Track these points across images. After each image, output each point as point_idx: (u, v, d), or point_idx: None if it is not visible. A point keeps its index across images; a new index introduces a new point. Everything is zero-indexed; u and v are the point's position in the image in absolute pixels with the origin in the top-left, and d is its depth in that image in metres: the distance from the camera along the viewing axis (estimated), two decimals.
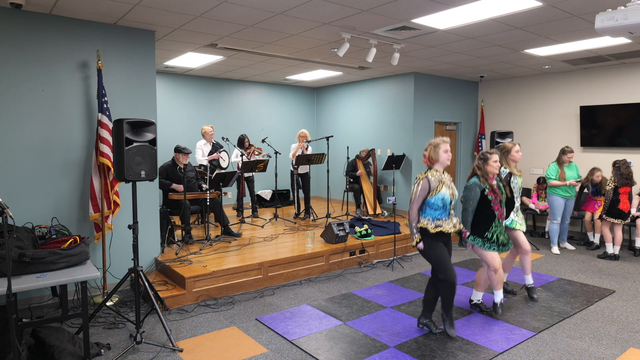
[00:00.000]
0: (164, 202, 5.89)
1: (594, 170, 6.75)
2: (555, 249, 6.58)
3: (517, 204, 4.48)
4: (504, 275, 4.73)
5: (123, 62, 4.79)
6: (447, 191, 3.55)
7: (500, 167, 4.38)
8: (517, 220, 4.46)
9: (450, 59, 6.76)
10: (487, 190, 3.91)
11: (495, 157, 3.94)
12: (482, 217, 3.95)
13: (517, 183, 4.49)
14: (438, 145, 3.59)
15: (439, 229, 3.55)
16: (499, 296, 4.15)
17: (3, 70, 4.17)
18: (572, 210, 6.69)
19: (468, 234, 3.93)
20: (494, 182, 3.98)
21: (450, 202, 3.60)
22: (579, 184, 6.45)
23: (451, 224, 3.61)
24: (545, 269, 5.74)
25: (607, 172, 7.23)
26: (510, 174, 4.50)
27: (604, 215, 6.27)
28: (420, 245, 3.58)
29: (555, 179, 6.32)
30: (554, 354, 3.44)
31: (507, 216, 4.42)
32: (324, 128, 10.12)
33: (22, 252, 2.96)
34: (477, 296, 4.33)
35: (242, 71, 7.98)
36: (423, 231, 3.58)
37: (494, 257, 3.98)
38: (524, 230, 4.52)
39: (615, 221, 6.17)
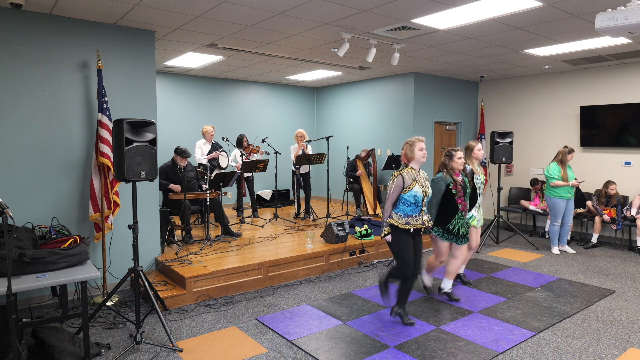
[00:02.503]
0: (164, 202, 5.89)
1: (608, 183, 6.84)
2: (555, 250, 6.58)
3: (480, 200, 4.77)
4: (462, 267, 5.16)
5: (123, 62, 4.79)
6: (420, 189, 3.74)
7: (465, 164, 4.72)
8: (476, 216, 4.76)
9: (450, 59, 6.76)
10: (451, 184, 4.17)
11: (460, 154, 4.23)
12: (446, 209, 4.23)
13: (479, 180, 4.78)
14: (414, 143, 3.80)
15: (408, 226, 3.75)
16: (428, 280, 4.65)
17: (3, 70, 4.17)
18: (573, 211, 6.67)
19: (432, 224, 4.15)
20: (460, 178, 4.24)
21: (423, 200, 3.78)
22: (580, 184, 6.45)
23: (420, 221, 3.81)
24: (545, 269, 5.74)
25: (606, 173, 7.25)
26: (472, 172, 4.76)
27: None
28: (389, 237, 3.80)
29: (558, 179, 6.27)
30: (554, 354, 3.44)
31: (469, 212, 4.65)
32: (324, 128, 10.12)
33: (22, 252, 2.96)
34: (448, 285, 4.61)
35: (242, 71, 7.98)
36: (393, 226, 3.78)
37: (445, 249, 4.36)
38: (478, 227, 4.85)
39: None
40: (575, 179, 6.38)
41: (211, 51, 6.24)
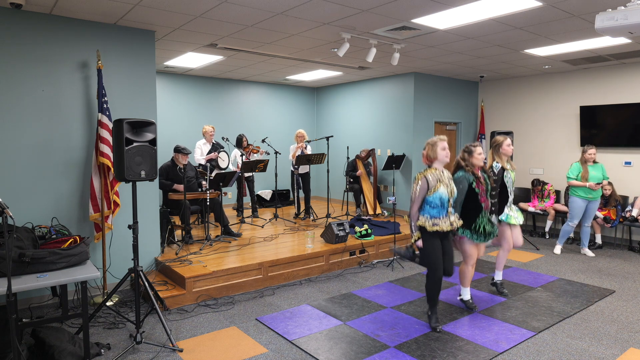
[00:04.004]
0: (164, 202, 5.89)
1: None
2: (558, 249, 6.53)
3: (511, 198, 4.56)
4: (499, 273, 4.85)
5: (123, 62, 4.79)
6: (445, 189, 3.63)
7: (493, 162, 4.57)
8: (511, 215, 4.55)
9: (450, 59, 6.76)
10: (474, 183, 3.99)
11: (480, 149, 4.05)
12: (470, 209, 4.04)
13: (510, 177, 4.53)
14: (435, 143, 3.68)
15: (436, 228, 3.64)
16: (467, 294, 4.30)
17: (3, 70, 4.16)
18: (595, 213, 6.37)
19: (461, 223, 4.01)
20: (480, 174, 4.07)
21: (448, 201, 3.67)
22: (599, 187, 6.07)
23: (448, 222, 3.69)
24: (545, 269, 5.74)
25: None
26: (503, 169, 4.54)
27: None
28: (420, 242, 3.69)
29: (575, 179, 6.07)
30: (554, 354, 3.44)
31: (502, 211, 4.52)
32: (324, 128, 10.12)
33: (22, 252, 2.96)
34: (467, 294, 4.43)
35: (242, 71, 7.98)
36: (421, 229, 3.67)
37: (473, 251, 4.15)
38: (520, 224, 4.59)
39: None
40: (603, 182, 6.08)
41: (211, 51, 6.24)
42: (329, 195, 7.55)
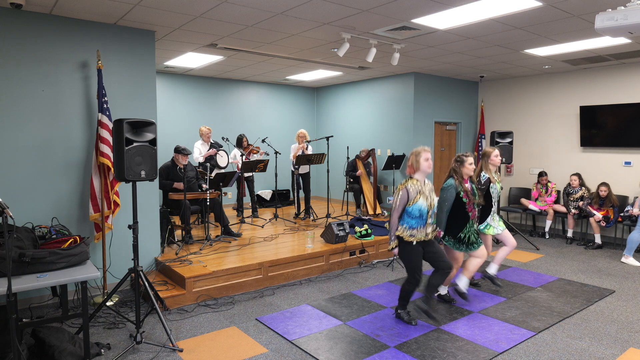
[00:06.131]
0: (164, 202, 5.89)
1: (600, 185, 6.77)
2: (632, 260, 5.95)
3: (494, 208, 4.66)
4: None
5: (123, 62, 4.79)
6: (425, 202, 3.69)
7: (481, 173, 4.66)
8: (492, 225, 4.63)
9: (450, 59, 6.76)
10: (462, 192, 4.06)
11: (471, 159, 4.11)
12: (457, 218, 4.11)
13: (495, 189, 4.63)
14: (419, 153, 3.74)
15: (412, 238, 3.72)
16: (444, 289, 4.49)
17: (3, 70, 4.16)
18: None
19: (442, 233, 4.12)
20: (468, 185, 4.13)
21: (428, 212, 3.72)
22: None
23: (424, 233, 3.75)
24: (545, 269, 5.74)
25: (606, 173, 7.25)
26: (489, 180, 4.60)
27: None
28: (395, 250, 3.80)
29: None
30: (554, 354, 3.44)
31: (483, 220, 4.61)
32: (324, 128, 10.12)
33: (22, 252, 2.96)
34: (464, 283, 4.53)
35: (242, 71, 7.98)
36: (399, 238, 3.76)
37: (460, 257, 4.30)
38: (497, 233, 4.63)
39: None
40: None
41: (211, 51, 6.24)
42: (329, 195, 7.55)
